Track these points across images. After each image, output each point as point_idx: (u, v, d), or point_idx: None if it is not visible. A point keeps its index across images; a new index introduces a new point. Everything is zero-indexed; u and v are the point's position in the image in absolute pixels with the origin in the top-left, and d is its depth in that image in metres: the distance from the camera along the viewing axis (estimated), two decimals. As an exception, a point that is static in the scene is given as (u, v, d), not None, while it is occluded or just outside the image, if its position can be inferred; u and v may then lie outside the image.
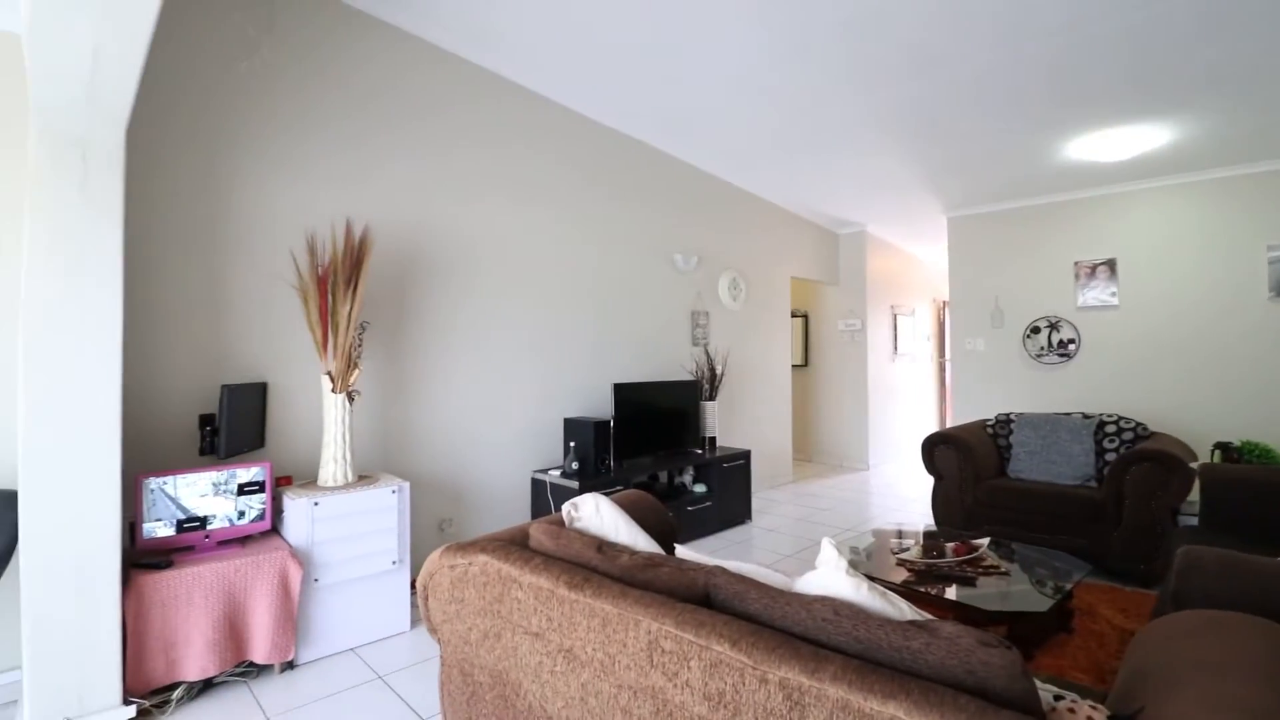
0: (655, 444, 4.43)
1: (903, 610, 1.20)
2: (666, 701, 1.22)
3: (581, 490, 3.59)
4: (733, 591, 1.32)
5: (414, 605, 2.96)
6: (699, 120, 4.40)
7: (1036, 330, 5.58)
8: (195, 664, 2.28)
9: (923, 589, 2.56)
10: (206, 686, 2.40)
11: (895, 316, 7.56)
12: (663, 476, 4.60)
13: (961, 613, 2.46)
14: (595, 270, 4.48)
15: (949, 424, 7.11)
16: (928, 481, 4.81)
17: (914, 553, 2.92)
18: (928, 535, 3.27)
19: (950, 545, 2.94)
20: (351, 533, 2.73)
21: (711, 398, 4.94)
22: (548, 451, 4.12)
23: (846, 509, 5.24)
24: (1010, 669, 0.99)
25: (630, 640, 1.28)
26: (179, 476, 2.45)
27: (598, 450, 3.84)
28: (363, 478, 2.98)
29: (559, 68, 3.78)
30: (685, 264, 5.10)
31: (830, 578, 1.24)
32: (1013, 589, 2.59)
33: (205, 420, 2.72)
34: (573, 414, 4.24)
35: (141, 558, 2.34)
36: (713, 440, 4.85)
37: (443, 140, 3.64)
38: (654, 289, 4.94)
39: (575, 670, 1.40)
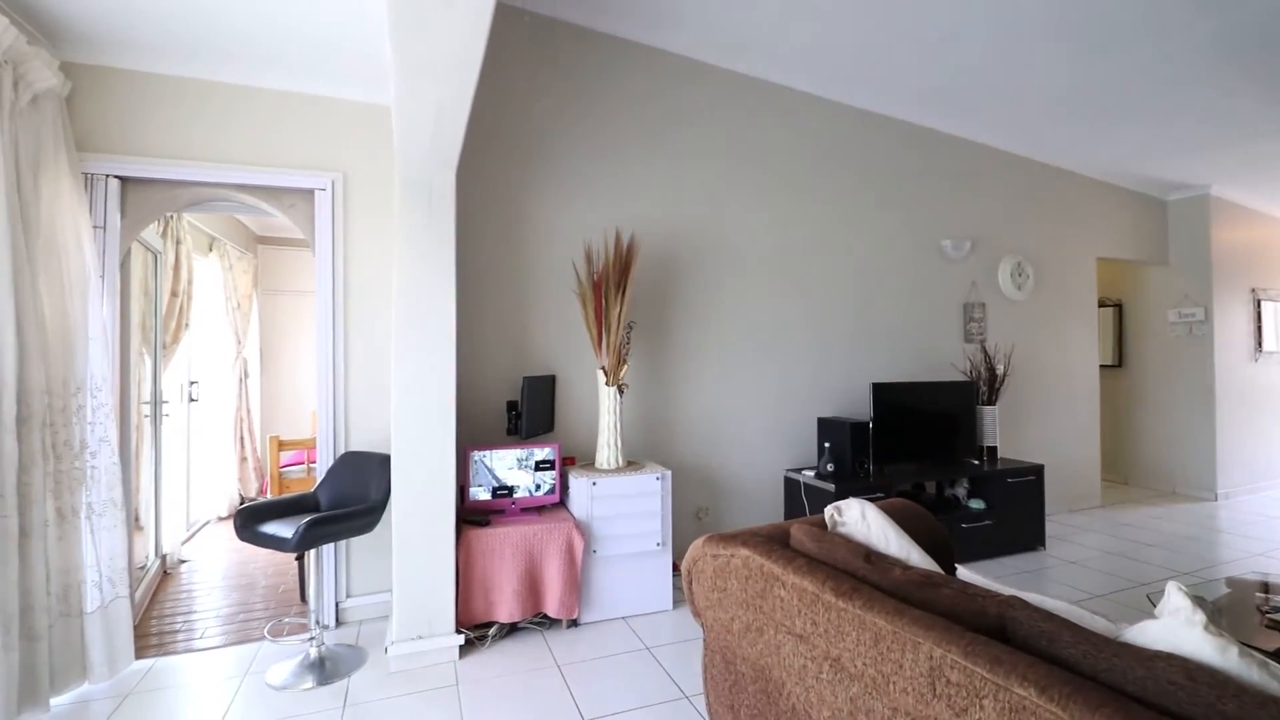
0: (920, 450, 4.06)
1: (1298, 692, 0.92)
2: (952, 737, 1.11)
3: (838, 493, 3.45)
4: (1037, 629, 1.15)
5: (675, 587, 3.15)
6: (970, 85, 3.89)
7: None
8: (505, 608, 2.74)
9: (1315, 666, 1.92)
10: (512, 630, 2.87)
11: (1258, 303, 5.81)
12: (930, 487, 4.19)
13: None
14: (850, 263, 4.26)
15: (1355, 447, 5.23)
16: (1318, 523, 3.60)
17: (1298, 616, 2.21)
18: (1321, 595, 2.45)
19: (1363, 613, 2.16)
20: (622, 512, 3.01)
21: (990, 402, 4.34)
22: (800, 450, 4.04)
23: (1182, 547, 4.18)
24: None
25: (908, 663, 1.19)
26: (493, 451, 2.96)
27: (855, 453, 3.65)
28: (631, 463, 3.26)
29: (802, 57, 3.67)
30: (955, 251, 4.56)
31: (1180, 633, 1.00)
32: None
33: (511, 406, 3.24)
34: (827, 413, 4.09)
35: (468, 515, 2.89)
36: (992, 450, 4.27)
37: (694, 144, 3.81)
38: (918, 280, 4.51)
39: (843, 682, 1.35)
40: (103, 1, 2.32)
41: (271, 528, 2.48)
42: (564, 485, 3.13)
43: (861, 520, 1.72)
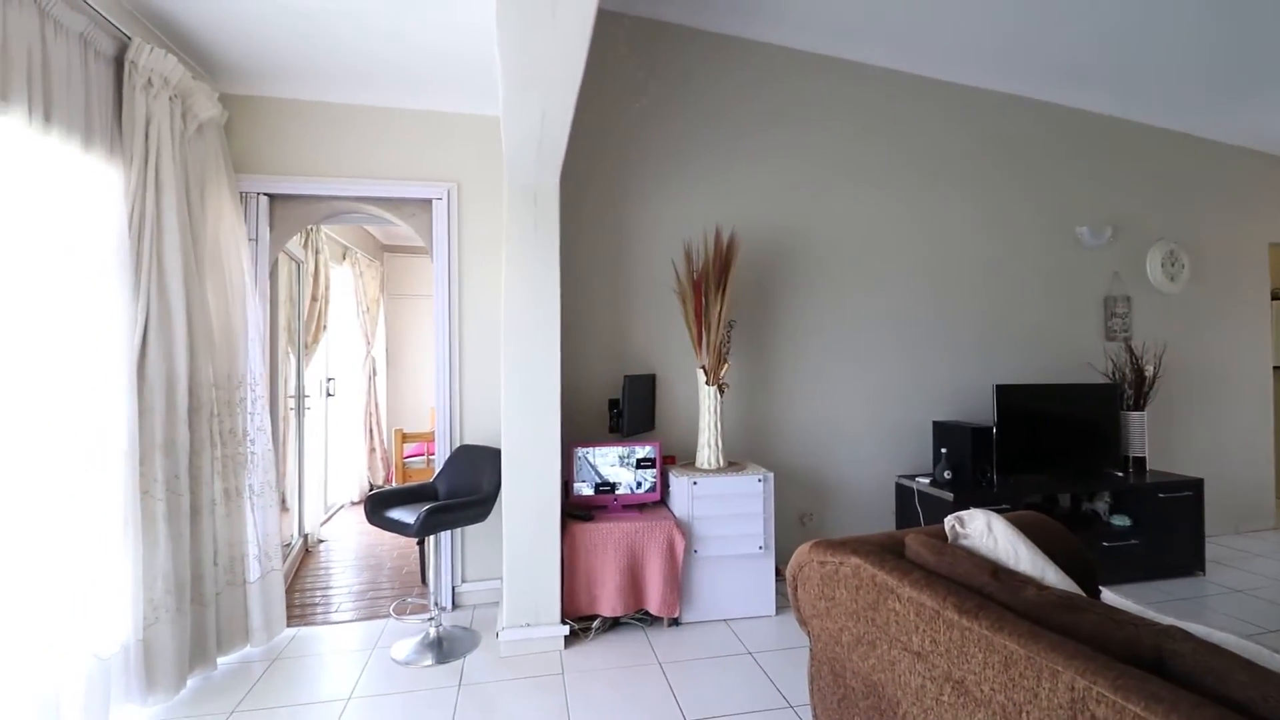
0: (1052, 459, 3.70)
1: None
2: (1098, 778, 1.00)
3: (957, 503, 3.22)
4: (1203, 664, 1.01)
5: (779, 593, 3.08)
6: (1109, 53, 3.50)
7: None
8: (608, 603, 2.79)
9: None
10: (614, 624, 2.92)
11: None
12: (1063, 500, 3.82)
13: None
14: (970, 255, 3.97)
15: None
16: None
17: None
18: None
19: None
20: (723, 513, 2.97)
21: (1137, 407, 3.90)
22: (913, 455, 3.82)
23: (1386, 579, 3.55)
24: None
25: (1044, 691, 1.09)
26: (596, 448, 3.03)
27: (976, 460, 3.40)
28: (732, 464, 3.22)
29: (911, 36, 3.45)
30: (1094, 238, 4.12)
31: (1399, 685, 0.85)
32: None
33: (613, 404, 3.30)
34: (943, 417, 3.84)
35: (572, 510, 2.97)
36: (1140, 461, 3.83)
37: (798, 138, 3.69)
38: (1049, 271, 4.13)
39: (968, 707, 1.26)
40: (255, 39, 2.59)
41: (396, 513, 2.68)
42: (664, 484, 3.15)
43: (987, 533, 1.59)
